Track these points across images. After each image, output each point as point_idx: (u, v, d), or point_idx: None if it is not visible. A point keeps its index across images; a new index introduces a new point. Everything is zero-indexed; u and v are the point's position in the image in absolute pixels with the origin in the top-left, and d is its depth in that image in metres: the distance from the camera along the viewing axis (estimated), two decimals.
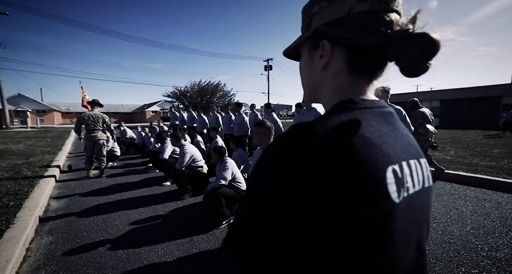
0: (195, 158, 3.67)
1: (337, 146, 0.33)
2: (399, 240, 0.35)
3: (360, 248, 0.32)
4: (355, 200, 0.31)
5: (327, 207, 0.31)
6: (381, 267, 0.34)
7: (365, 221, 0.31)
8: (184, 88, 27.37)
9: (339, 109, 0.39)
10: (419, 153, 0.44)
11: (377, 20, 0.39)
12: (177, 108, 9.52)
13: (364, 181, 0.32)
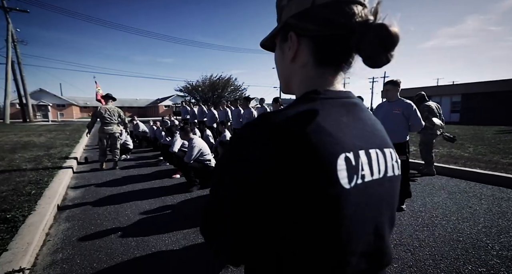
0: (203, 151, 3.74)
1: (291, 134, 0.34)
2: (351, 223, 0.37)
3: (313, 227, 0.35)
4: (306, 184, 0.33)
5: (282, 190, 0.34)
6: (332, 247, 0.36)
7: (315, 203, 0.34)
8: (196, 83, 27.64)
9: (302, 99, 0.41)
10: (384, 143, 0.45)
11: (339, 12, 0.40)
12: (188, 103, 9.67)
13: (314, 167, 0.33)
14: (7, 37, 20.30)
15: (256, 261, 0.40)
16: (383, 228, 0.43)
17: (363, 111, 0.45)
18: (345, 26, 0.40)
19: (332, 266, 0.37)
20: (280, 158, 0.34)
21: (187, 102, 9.79)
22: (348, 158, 0.36)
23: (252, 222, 0.37)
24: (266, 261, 0.39)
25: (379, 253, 0.42)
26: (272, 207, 0.35)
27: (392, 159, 0.46)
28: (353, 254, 0.38)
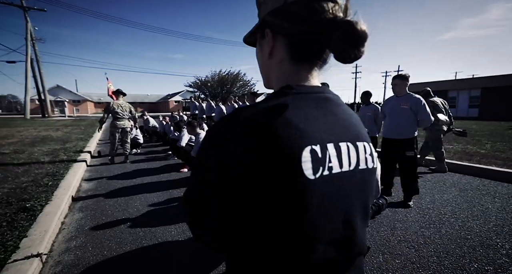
0: None
1: (259, 128, 0.36)
2: (317, 212, 0.38)
3: (281, 215, 0.36)
4: (273, 174, 0.35)
5: (250, 179, 0.35)
6: (299, 234, 0.38)
7: (282, 193, 0.35)
8: (205, 78, 27.80)
9: (276, 94, 0.42)
10: (358, 136, 0.46)
11: (310, 9, 0.40)
12: (196, 98, 9.77)
13: (279, 159, 0.35)
14: (26, 36, 21.11)
15: (235, 248, 0.43)
16: (354, 218, 0.44)
17: (337, 105, 0.46)
18: (315, 23, 0.41)
19: (299, 252, 0.39)
20: (248, 150, 0.35)
21: (196, 98, 9.90)
22: (314, 150, 0.38)
23: (228, 208, 0.39)
24: (244, 248, 0.41)
25: (349, 242, 0.44)
26: (245, 194, 0.37)
27: (365, 152, 0.47)
28: (320, 242, 0.39)
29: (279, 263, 0.39)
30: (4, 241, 2.02)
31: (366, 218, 0.49)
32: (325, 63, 0.47)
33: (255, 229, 0.38)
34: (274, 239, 0.38)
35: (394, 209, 2.87)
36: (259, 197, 0.36)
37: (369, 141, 0.49)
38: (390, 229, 2.40)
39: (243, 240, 0.40)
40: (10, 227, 2.26)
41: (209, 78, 27.68)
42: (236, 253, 0.43)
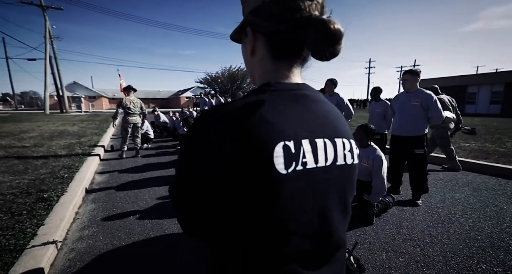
0: None
1: (233, 123, 0.37)
2: (290, 205, 0.39)
3: (255, 208, 0.38)
4: (246, 168, 0.36)
5: (230, 174, 0.37)
6: (273, 225, 0.39)
7: (255, 186, 0.37)
8: (215, 74, 27.93)
9: (254, 91, 0.43)
10: (336, 132, 0.46)
11: (286, 8, 0.41)
12: (206, 94, 9.88)
13: (252, 154, 0.36)
14: (45, 34, 21.93)
15: (221, 239, 0.44)
16: (330, 213, 0.45)
17: (315, 102, 0.46)
18: (291, 21, 0.41)
19: (274, 243, 0.40)
20: (221, 146, 0.37)
21: (206, 94, 10.01)
22: (287, 146, 0.38)
23: (212, 202, 0.40)
24: (227, 239, 0.43)
25: (326, 236, 0.45)
26: (225, 190, 0.38)
27: (344, 148, 0.47)
28: (293, 234, 0.41)
29: (257, 253, 0.41)
30: (24, 228, 2.16)
31: (346, 214, 0.49)
32: (305, 60, 0.48)
33: (235, 221, 0.40)
34: (252, 231, 0.39)
35: (402, 207, 2.81)
36: (237, 191, 0.37)
37: (349, 138, 0.50)
38: (396, 227, 2.36)
39: (226, 232, 0.42)
40: (29, 215, 2.41)
41: (220, 74, 27.78)
42: (221, 244, 0.45)
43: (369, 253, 1.98)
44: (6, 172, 3.78)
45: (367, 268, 1.80)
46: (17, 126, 10.32)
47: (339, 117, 0.50)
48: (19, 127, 9.96)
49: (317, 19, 0.40)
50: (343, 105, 3.70)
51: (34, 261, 1.72)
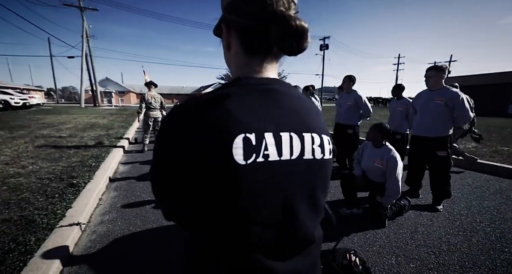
0: None
1: (198, 116, 0.40)
2: (249, 195, 0.40)
3: (217, 197, 0.40)
4: (207, 158, 0.38)
5: (191, 162, 0.39)
6: (233, 214, 0.41)
7: (216, 176, 0.39)
8: None
9: (224, 85, 0.45)
10: (305, 127, 0.46)
11: (253, 4, 0.42)
12: None
13: (213, 145, 0.38)
14: (82, 33, 23.66)
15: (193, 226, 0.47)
16: (295, 206, 0.45)
17: (285, 97, 0.46)
18: (258, 17, 0.42)
19: (236, 232, 0.42)
20: (189, 137, 0.39)
21: None
22: (248, 138, 0.40)
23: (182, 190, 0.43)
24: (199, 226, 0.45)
25: (291, 228, 0.45)
26: (192, 179, 0.40)
27: (313, 143, 0.47)
28: (255, 223, 0.42)
29: (222, 240, 0.43)
30: (55, 209, 2.41)
31: (316, 209, 0.49)
32: (277, 56, 0.48)
33: (202, 208, 0.42)
34: (216, 218, 0.42)
35: (419, 211, 2.66)
36: (202, 179, 0.39)
37: (322, 133, 0.49)
38: (410, 232, 2.25)
39: (195, 218, 0.44)
40: (60, 198, 2.68)
41: None
42: (192, 230, 0.48)
43: (377, 256, 1.92)
44: (45, 159, 4.20)
45: (374, 271, 1.75)
46: (57, 118, 11.35)
47: (312, 113, 0.50)
48: (58, 119, 10.94)
49: (280, 15, 0.40)
50: (360, 103, 3.56)
51: (61, 239, 1.92)
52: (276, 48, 0.46)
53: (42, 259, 1.69)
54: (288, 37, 0.41)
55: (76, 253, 1.94)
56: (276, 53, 0.48)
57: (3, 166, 3.74)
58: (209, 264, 0.45)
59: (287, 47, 0.42)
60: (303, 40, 0.42)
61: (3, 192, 2.81)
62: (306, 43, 0.42)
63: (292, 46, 0.42)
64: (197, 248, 0.46)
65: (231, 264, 0.43)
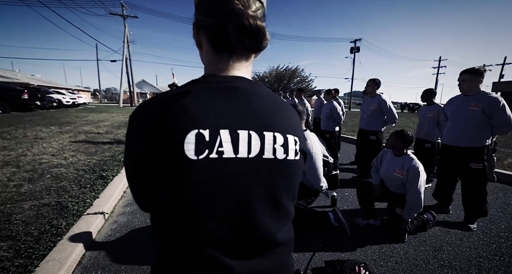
0: None
1: (155, 111, 0.42)
2: (201, 189, 0.41)
3: (170, 188, 0.42)
4: (160, 152, 0.40)
5: (148, 154, 0.42)
6: (185, 207, 0.42)
7: (168, 169, 0.40)
8: (263, 74, 28.40)
9: (189, 83, 0.47)
10: (267, 126, 0.46)
11: (214, 2, 0.44)
12: None
13: (165, 139, 0.40)
14: (124, 39, 25.90)
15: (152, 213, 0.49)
16: (252, 204, 0.45)
17: (248, 95, 0.47)
18: (218, 15, 0.43)
19: (188, 224, 0.43)
20: (146, 132, 0.42)
21: None
22: (201, 134, 0.40)
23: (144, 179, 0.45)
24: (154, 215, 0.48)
25: (248, 226, 0.45)
26: (151, 170, 0.42)
27: (275, 142, 0.46)
28: (208, 218, 0.43)
29: (178, 232, 0.44)
30: (85, 198, 2.67)
31: (278, 210, 0.49)
32: (246, 54, 0.49)
33: (159, 200, 0.44)
34: (171, 210, 0.43)
35: (447, 229, 2.42)
36: (157, 171, 0.41)
37: (287, 133, 0.48)
38: (434, 250, 2.05)
39: (157, 208, 0.46)
40: (91, 189, 2.95)
41: (267, 73, 28.15)
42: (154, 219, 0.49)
43: (391, 273, 1.78)
44: (83, 152, 4.67)
45: None
46: (98, 116, 12.53)
47: (281, 112, 0.49)
48: (99, 117, 12.07)
49: (235, 13, 0.42)
50: (385, 108, 3.35)
51: (86, 226, 2.12)
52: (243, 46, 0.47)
53: (68, 242, 1.88)
54: (243, 35, 0.42)
55: (98, 239, 2.12)
56: (242, 51, 0.48)
57: (50, 157, 4.24)
58: (167, 252, 0.46)
59: (243, 45, 0.43)
60: (259, 38, 0.42)
61: (47, 179, 3.19)
62: (264, 41, 0.43)
63: (249, 44, 0.43)
64: (157, 235, 0.48)
65: (185, 255, 0.44)
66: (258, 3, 0.46)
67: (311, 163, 1.90)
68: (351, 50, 31.09)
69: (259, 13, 0.47)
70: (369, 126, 3.53)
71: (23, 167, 3.63)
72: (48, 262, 1.65)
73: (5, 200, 2.55)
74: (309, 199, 2.03)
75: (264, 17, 0.49)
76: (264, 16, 0.49)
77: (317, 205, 2.94)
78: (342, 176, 4.10)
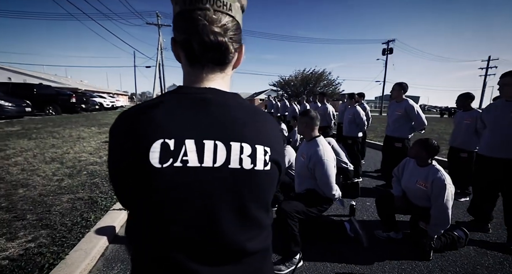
0: None
1: (127, 121, 0.46)
2: (165, 195, 0.44)
3: (137, 192, 0.45)
4: (128, 159, 0.44)
5: (119, 161, 0.45)
6: (150, 211, 0.45)
7: (135, 176, 0.44)
8: (289, 78, 28.26)
9: (162, 94, 0.50)
10: (235, 137, 0.47)
11: (183, 19, 0.46)
12: (273, 97, 10.19)
13: (132, 147, 0.43)
14: (158, 46, 27.79)
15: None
16: (218, 212, 0.46)
17: (217, 106, 0.48)
18: (186, 31, 0.46)
19: (154, 228, 0.45)
20: (118, 141, 0.46)
21: (272, 97, 10.32)
22: (166, 143, 0.43)
23: (118, 182, 0.49)
24: (130, 217, 0.51)
25: (213, 234, 0.47)
26: (121, 175, 0.46)
27: (242, 152, 0.47)
28: (172, 223, 0.45)
29: (146, 235, 0.47)
30: (113, 195, 2.90)
31: (246, 220, 0.49)
32: (217, 66, 0.51)
33: (130, 202, 0.48)
34: (138, 213, 0.47)
35: (485, 249, 2.15)
36: (126, 176, 0.45)
37: (257, 143, 0.48)
38: (464, 272, 1.84)
39: (130, 209, 0.50)
40: None
41: (293, 77, 27.95)
42: (128, 215, 0.53)
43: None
44: None
45: None
46: None
47: (250, 123, 0.50)
48: None
49: (198, 29, 0.44)
50: (412, 114, 3.11)
51: (111, 220, 2.31)
52: (213, 59, 0.49)
53: (95, 234, 2.07)
54: (205, 50, 0.45)
55: (120, 234, 2.29)
56: (209, 63, 0.50)
57: (88, 155, 4.71)
58: (138, 252, 0.49)
59: (209, 59, 0.47)
60: (222, 52, 0.45)
61: (83, 175, 3.54)
62: (226, 55, 0.46)
63: (212, 58, 0.46)
64: (130, 233, 0.50)
65: (153, 256, 0.46)
66: (226, 18, 0.48)
67: (322, 170, 1.85)
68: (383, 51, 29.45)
69: (226, 28, 0.48)
70: (395, 132, 3.31)
71: (65, 163, 4.08)
72: (76, 251, 1.83)
73: (48, 192, 2.89)
74: (321, 207, 1.97)
75: (237, 30, 0.50)
76: (237, 29, 0.50)
77: (334, 213, 2.83)
78: (365, 184, 3.89)
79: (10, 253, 1.80)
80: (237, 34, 0.51)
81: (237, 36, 0.51)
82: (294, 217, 1.79)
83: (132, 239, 0.49)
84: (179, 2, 0.46)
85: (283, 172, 0.56)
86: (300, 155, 2.10)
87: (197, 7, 0.45)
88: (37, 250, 1.83)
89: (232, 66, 0.55)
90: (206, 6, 0.45)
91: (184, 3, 0.46)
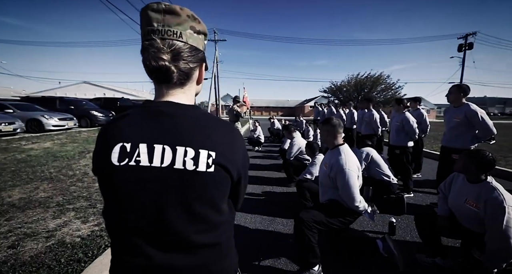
0: (303, 150, 3.91)
1: (102, 129, 0.60)
2: (123, 188, 0.54)
3: (103, 184, 0.58)
4: (98, 160, 0.58)
5: (94, 162, 0.60)
6: (112, 201, 0.57)
7: (101, 171, 0.57)
8: (341, 83, 26.83)
9: (133, 107, 0.62)
10: (182, 142, 0.55)
11: (143, 47, 0.58)
12: (319, 104, 9.88)
13: (101, 150, 0.57)
14: (214, 60, 30.46)
15: None
16: (164, 204, 0.54)
17: (169, 117, 0.57)
18: (142, 58, 0.58)
19: (118, 216, 0.56)
20: (96, 144, 0.59)
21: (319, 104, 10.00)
22: (124, 146, 0.54)
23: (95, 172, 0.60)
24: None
25: (161, 223, 0.54)
26: (96, 171, 0.59)
27: (186, 155, 0.54)
28: (129, 211, 0.54)
29: (113, 222, 0.58)
30: None
31: (191, 213, 0.55)
32: (174, 83, 0.61)
33: (101, 191, 0.59)
34: (106, 200, 0.59)
35: None
36: (98, 172, 0.58)
37: (202, 148, 0.55)
38: None
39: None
40: None
41: (345, 82, 26.40)
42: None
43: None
44: None
45: None
46: None
47: (197, 130, 0.57)
48: None
49: (145, 56, 0.56)
50: (475, 120, 2.59)
51: None
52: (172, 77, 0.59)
53: None
54: (150, 72, 0.57)
55: None
56: (167, 83, 0.60)
57: None
58: (109, 234, 0.61)
59: (155, 79, 0.59)
60: (164, 74, 0.57)
61: None
62: (169, 75, 0.58)
63: (157, 78, 0.59)
64: (104, 219, 0.61)
65: (118, 238, 0.58)
66: (179, 43, 0.57)
67: (344, 180, 1.74)
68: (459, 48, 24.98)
69: (177, 52, 0.58)
70: (451, 142, 2.82)
71: None
72: None
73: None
74: (343, 218, 1.85)
75: (191, 52, 0.60)
76: (192, 51, 0.60)
77: (370, 229, 2.58)
78: (417, 201, 3.41)
79: (82, 233, 2.29)
80: (192, 55, 0.60)
81: (193, 57, 0.61)
82: (312, 227, 1.74)
83: (105, 222, 0.62)
84: (142, 37, 0.59)
85: (234, 175, 0.60)
86: (323, 164, 2.04)
87: (146, 39, 0.57)
88: (99, 233, 2.28)
89: (196, 82, 0.66)
90: (153, 37, 0.56)
91: (143, 36, 0.59)
